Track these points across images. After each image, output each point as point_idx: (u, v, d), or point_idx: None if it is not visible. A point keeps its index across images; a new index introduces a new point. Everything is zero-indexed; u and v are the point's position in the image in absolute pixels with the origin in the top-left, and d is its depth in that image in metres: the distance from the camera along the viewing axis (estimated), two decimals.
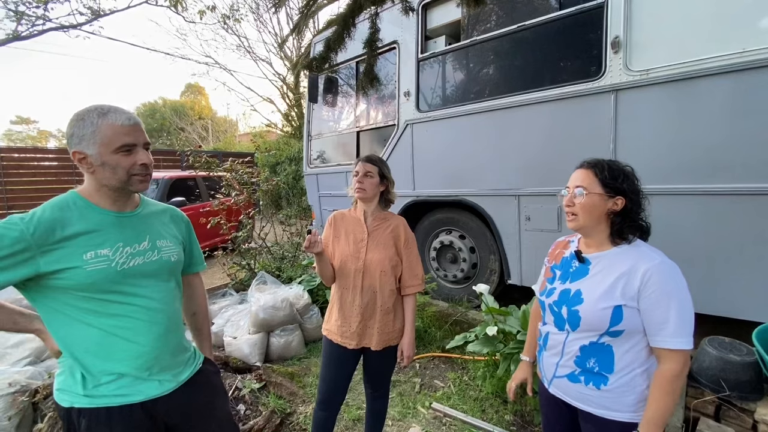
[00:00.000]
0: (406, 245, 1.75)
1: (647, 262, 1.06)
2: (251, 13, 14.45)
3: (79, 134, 1.02)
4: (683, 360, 1.03)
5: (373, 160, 1.75)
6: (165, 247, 1.19)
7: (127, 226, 1.12)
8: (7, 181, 8.40)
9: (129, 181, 1.07)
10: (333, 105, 4.71)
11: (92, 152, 1.02)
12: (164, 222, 1.25)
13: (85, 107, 1.06)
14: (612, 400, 1.12)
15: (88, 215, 1.06)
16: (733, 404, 1.93)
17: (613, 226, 1.14)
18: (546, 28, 2.88)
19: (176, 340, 1.22)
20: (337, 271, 1.72)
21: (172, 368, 1.19)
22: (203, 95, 31.99)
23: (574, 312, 1.15)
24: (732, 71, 2.12)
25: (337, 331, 1.72)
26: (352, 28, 2.13)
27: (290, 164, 11.47)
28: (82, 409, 1.05)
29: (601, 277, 1.13)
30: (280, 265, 4.35)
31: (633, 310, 1.07)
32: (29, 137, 29.49)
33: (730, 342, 2.10)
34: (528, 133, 2.97)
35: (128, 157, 1.06)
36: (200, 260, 1.40)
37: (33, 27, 8.33)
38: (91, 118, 1.02)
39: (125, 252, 1.08)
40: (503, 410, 2.35)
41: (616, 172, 1.13)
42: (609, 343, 1.11)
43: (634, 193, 1.12)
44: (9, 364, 2.30)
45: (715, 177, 2.23)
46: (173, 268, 1.22)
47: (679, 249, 2.20)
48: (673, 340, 1.02)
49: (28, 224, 0.96)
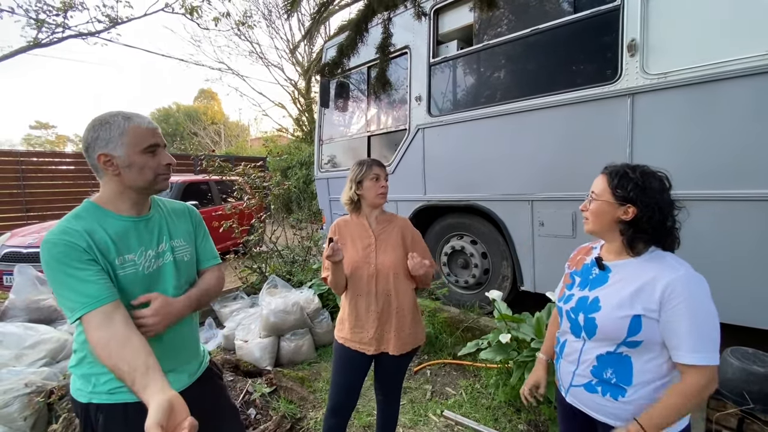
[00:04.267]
0: (414, 242, 1.76)
1: (671, 273, 1.02)
2: (264, 20, 14.72)
3: (106, 137, 1.04)
4: (707, 376, 0.98)
5: (383, 164, 1.76)
6: (179, 246, 1.22)
7: (145, 229, 1.15)
8: (27, 184, 8.60)
9: (155, 180, 1.11)
10: (344, 110, 4.73)
11: (120, 153, 1.04)
12: (176, 220, 1.27)
13: (105, 113, 1.08)
14: (631, 412, 1.08)
15: (109, 223, 1.08)
16: (757, 417, 1.86)
17: (622, 236, 1.11)
18: (560, 32, 2.85)
19: (191, 338, 1.26)
20: (350, 278, 1.70)
21: (187, 365, 1.23)
22: (216, 100, 32.50)
23: (590, 319, 1.12)
24: (754, 74, 2.07)
25: (353, 338, 1.69)
26: (365, 33, 2.14)
27: (301, 168, 11.56)
28: (100, 405, 1.07)
29: (621, 285, 1.09)
30: (291, 269, 4.36)
31: (652, 321, 1.03)
32: (48, 141, 30.25)
33: (753, 353, 2.03)
34: (542, 138, 2.93)
35: (154, 158, 1.10)
36: (209, 255, 1.35)
37: (53, 34, 8.55)
38: (117, 122, 1.05)
39: (148, 255, 1.12)
40: (516, 419, 2.30)
41: (627, 180, 1.08)
42: (627, 354, 1.08)
43: (647, 204, 1.06)
44: (25, 365, 2.33)
45: (735, 182, 2.18)
46: (187, 267, 1.25)
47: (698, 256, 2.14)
48: (694, 355, 0.98)
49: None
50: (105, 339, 0.95)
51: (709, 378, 0.99)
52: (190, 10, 9.52)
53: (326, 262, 1.70)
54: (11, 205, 8.50)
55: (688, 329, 0.98)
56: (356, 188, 1.72)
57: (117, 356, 0.92)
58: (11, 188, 8.47)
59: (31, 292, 3.09)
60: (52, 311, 3.16)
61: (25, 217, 8.43)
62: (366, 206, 1.75)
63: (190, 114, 26.64)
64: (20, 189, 8.55)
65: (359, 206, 1.76)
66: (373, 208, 1.75)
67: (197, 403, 1.21)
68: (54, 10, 8.23)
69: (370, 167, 1.71)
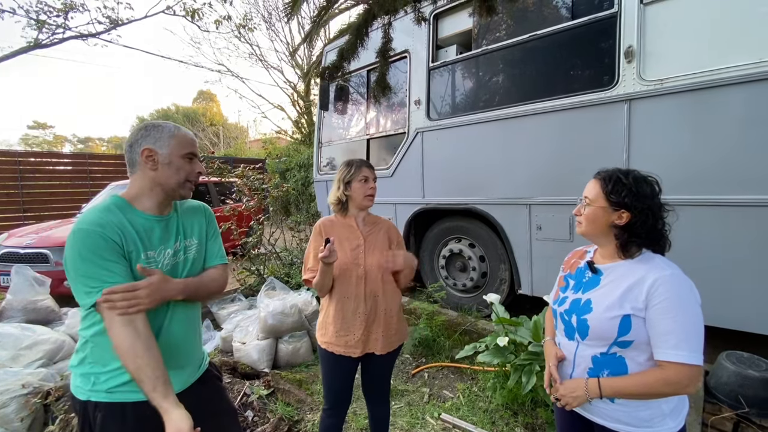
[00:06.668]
0: (398, 245, 1.77)
1: (657, 273, 1.05)
2: (264, 22, 14.75)
3: (156, 136, 1.15)
4: (688, 375, 0.98)
5: (372, 166, 1.75)
6: (191, 245, 1.26)
7: (166, 228, 1.19)
8: (24, 185, 8.58)
9: (184, 184, 1.19)
10: (343, 113, 4.75)
11: (164, 151, 1.15)
12: (191, 218, 1.30)
13: (157, 120, 1.21)
14: (627, 414, 1.10)
15: (136, 220, 1.12)
16: (752, 421, 1.87)
17: (617, 240, 1.13)
18: (558, 38, 2.88)
19: (194, 338, 1.28)
20: (337, 280, 1.66)
21: (189, 365, 1.25)
22: (215, 102, 32.54)
23: (582, 321, 1.15)
24: (748, 81, 2.10)
25: (338, 342, 1.66)
26: (365, 37, 2.16)
27: (299, 171, 11.57)
28: (98, 403, 1.08)
29: (612, 287, 1.12)
30: (289, 271, 4.36)
31: (640, 320, 1.05)
32: (45, 142, 30.20)
33: (748, 357, 2.05)
34: (540, 142, 2.96)
35: (190, 164, 1.20)
36: (216, 254, 1.35)
37: (53, 35, 8.55)
38: (169, 128, 1.18)
39: (166, 254, 1.17)
40: (513, 422, 2.31)
41: (621, 186, 1.10)
42: (621, 355, 1.10)
43: (641, 209, 1.08)
44: (22, 366, 2.33)
45: (729, 188, 2.20)
46: (197, 264, 1.28)
47: (692, 260, 2.16)
48: (674, 352, 0.99)
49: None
50: (131, 339, 0.99)
51: (691, 378, 0.99)
52: (192, 13, 9.54)
53: (310, 262, 1.69)
54: (9, 205, 8.48)
55: (671, 327, 1.00)
56: (344, 189, 1.70)
57: (143, 359, 0.98)
58: (9, 188, 8.45)
59: (29, 293, 3.08)
60: (49, 312, 3.15)
61: (23, 217, 8.41)
62: (353, 207, 1.73)
63: (188, 115, 26.63)
64: (18, 189, 8.53)
65: (346, 207, 1.74)
66: (360, 210, 1.74)
67: (197, 403, 1.22)
68: (55, 11, 8.23)
69: (359, 168, 1.69)
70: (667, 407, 1.09)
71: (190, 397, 1.20)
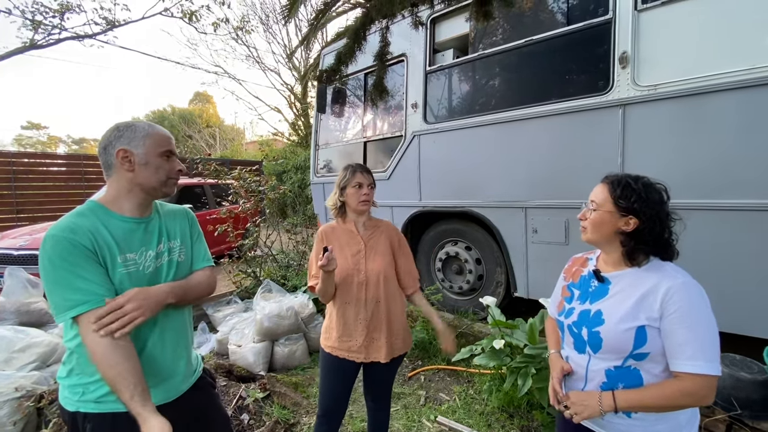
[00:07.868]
0: (401, 247, 1.76)
1: (669, 281, 1.01)
2: (261, 25, 14.78)
3: (129, 136, 1.11)
4: (705, 386, 0.96)
5: (369, 170, 1.75)
6: (175, 247, 1.23)
7: (146, 230, 1.17)
8: (18, 185, 8.50)
9: (166, 182, 1.17)
10: (340, 115, 4.75)
11: (139, 151, 1.11)
12: (173, 221, 1.28)
13: (129, 120, 1.18)
14: (644, 428, 1.06)
15: (113, 224, 1.09)
16: (745, 423, 1.89)
17: (623, 247, 1.10)
18: (554, 43, 2.91)
19: (185, 344, 1.25)
20: (338, 286, 1.67)
21: (180, 374, 1.21)
22: (211, 103, 32.43)
23: (594, 333, 1.09)
24: (741, 87, 2.13)
25: (341, 347, 1.67)
26: (363, 41, 2.16)
27: (296, 173, 11.56)
28: (87, 414, 1.06)
29: (623, 296, 1.07)
30: (286, 274, 4.35)
31: (655, 331, 1.01)
32: (39, 142, 29.95)
33: (741, 359, 2.07)
34: (535, 146, 2.98)
35: (168, 162, 1.17)
36: (202, 257, 1.33)
37: (49, 36, 8.51)
38: (142, 126, 1.15)
39: (148, 255, 1.14)
40: (509, 425, 2.31)
41: (630, 191, 1.07)
42: (636, 367, 1.05)
43: (649, 216, 1.05)
44: (15, 369, 2.30)
45: (723, 193, 2.23)
46: (182, 267, 1.25)
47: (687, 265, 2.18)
48: (691, 363, 0.96)
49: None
50: (107, 348, 0.97)
51: (710, 388, 0.96)
52: (189, 15, 9.53)
53: (313, 269, 1.68)
54: (2, 206, 8.37)
55: (687, 337, 0.97)
56: (340, 194, 1.71)
57: (123, 368, 0.96)
58: (2, 189, 8.35)
59: (22, 295, 3.05)
60: (42, 314, 3.12)
61: (16, 218, 8.32)
62: (350, 212, 1.74)
63: (185, 117, 26.51)
64: (11, 190, 8.43)
65: (344, 211, 1.75)
66: (358, 215, 1.74)
67: (191, 410, 1.21)
68: (51, 11, 8.20)
69: (353, 174, 1.69)
70: (684, 418, 1.06)
71: (184, 404, 1.18)
